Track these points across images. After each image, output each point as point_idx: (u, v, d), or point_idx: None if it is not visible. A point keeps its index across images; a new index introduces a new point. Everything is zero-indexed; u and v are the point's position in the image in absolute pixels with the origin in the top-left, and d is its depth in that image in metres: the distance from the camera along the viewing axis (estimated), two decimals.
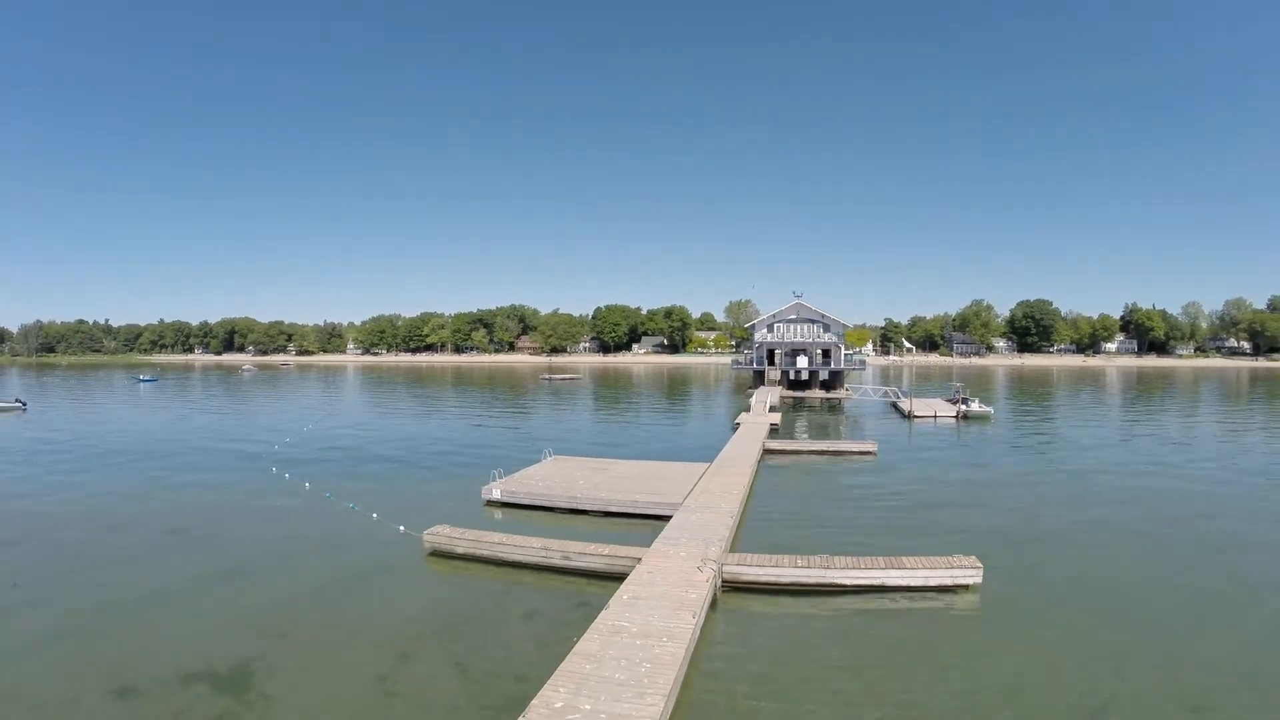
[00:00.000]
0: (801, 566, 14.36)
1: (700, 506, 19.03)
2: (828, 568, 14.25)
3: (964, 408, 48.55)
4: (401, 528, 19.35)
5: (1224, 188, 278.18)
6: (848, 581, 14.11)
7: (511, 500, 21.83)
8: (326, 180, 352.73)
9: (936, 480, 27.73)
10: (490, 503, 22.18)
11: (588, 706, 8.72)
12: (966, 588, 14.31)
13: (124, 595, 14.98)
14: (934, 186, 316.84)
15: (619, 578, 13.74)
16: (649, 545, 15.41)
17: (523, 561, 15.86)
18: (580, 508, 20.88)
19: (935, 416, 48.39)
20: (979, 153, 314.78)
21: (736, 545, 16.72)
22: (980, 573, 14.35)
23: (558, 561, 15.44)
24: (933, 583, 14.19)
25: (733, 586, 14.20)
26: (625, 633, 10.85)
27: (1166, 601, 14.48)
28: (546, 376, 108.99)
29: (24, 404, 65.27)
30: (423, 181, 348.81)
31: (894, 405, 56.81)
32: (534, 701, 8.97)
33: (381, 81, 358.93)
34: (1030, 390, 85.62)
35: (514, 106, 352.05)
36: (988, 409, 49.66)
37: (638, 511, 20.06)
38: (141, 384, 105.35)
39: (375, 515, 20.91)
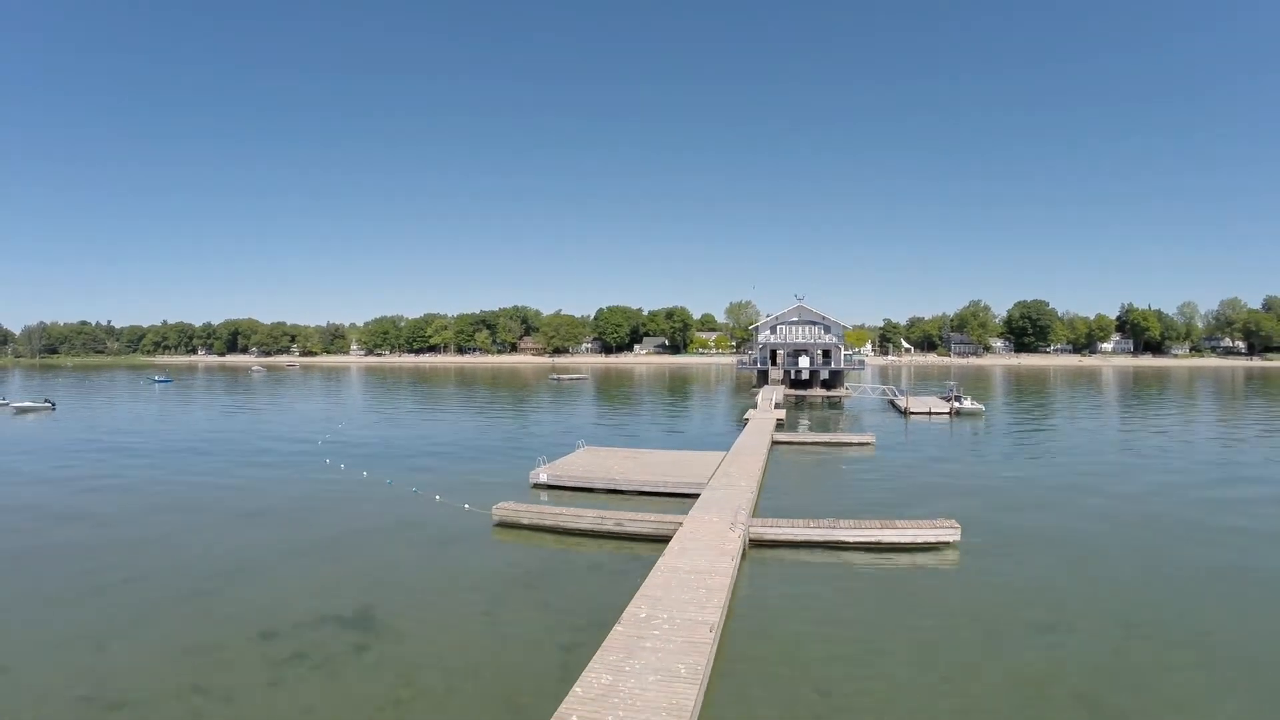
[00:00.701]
0: (813, 527, 17.76)
1: (723, 485, 22.38)
2: (834, 528, 17.65)
3: (957, 405, 52.00)
4: (466, 505, 22.65)
5: (1219, 188, 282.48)
6: (850, 539, 17.51)
7: (556, 483, 25.14)
8: (328, 181, 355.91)
9: (926, 466, 31.19)
10: (536, 485, 25.46)
11: (665, 615, 12.00)
12: (948, 544, 17.68)
13: (240, 563, 17.78)
14: (932, 188, 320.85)
15: (664, 539, 17.02)
16: (686, 514, 18.73)
17: (581, 529, 19.21)
18: (617, 488, 24.21)
19: (930, 413, 51.84)
20: (977, 154, 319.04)
21: (757, 513, 20.06)
22: (958, 532, 17.75)
23: (611, 528, 18.80)
24: (919, 540, 17.58)
25: (757, 544, 17.55)
26: (681, 570, 14.17)
27: (1117, 555, 17.83)
28: (555, 377, 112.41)
29: (53, 404, 68.49)
30: (424, 183, 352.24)
31: (891, 403, 60.30)
32: (623, 615, 12.20)
33: (383, 82, 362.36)
34: (1024, 389, 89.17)
35: (515, 107, 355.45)
36: (979, 406, 53.13)
37: (668, 491, 23.40)
38: (157, 385, 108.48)
39: (438, 497, 24.21)
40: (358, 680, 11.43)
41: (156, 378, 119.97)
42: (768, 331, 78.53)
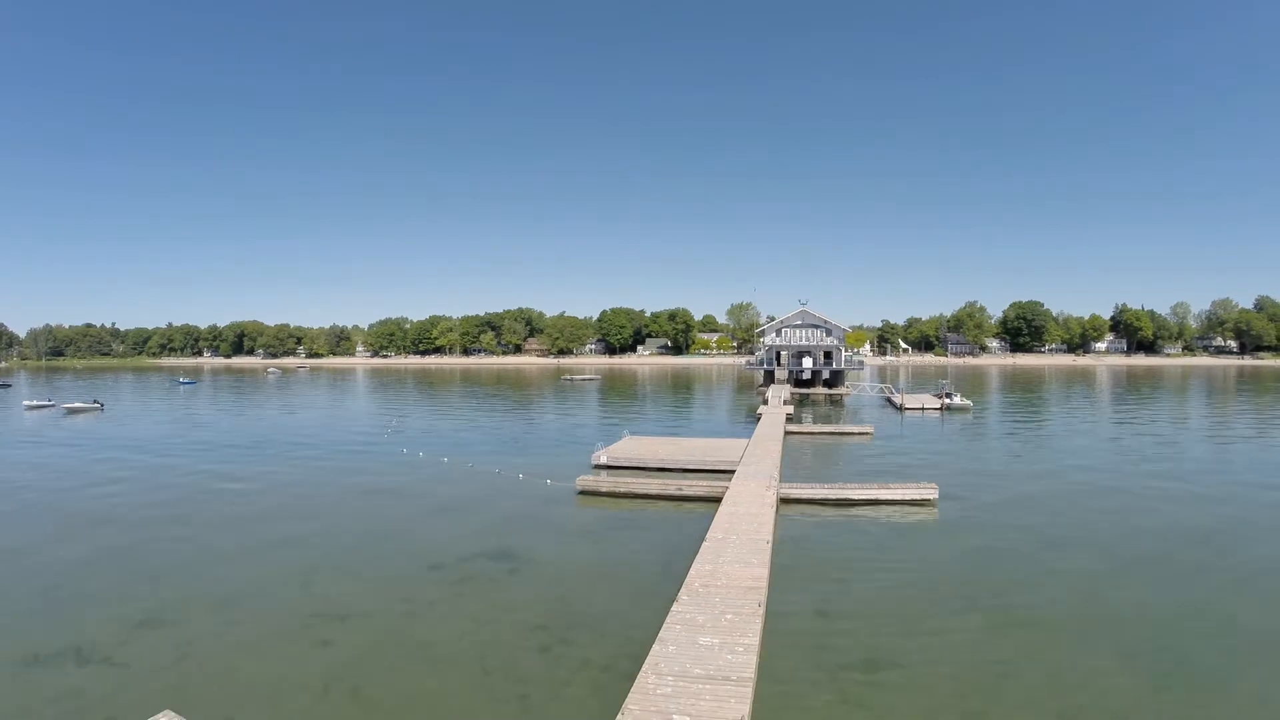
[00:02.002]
0: (827, 488, 23.93)
1: (753, 462, 28.46)
2: (843, 489, 23.85)
3: (947, 401, 58.28)
4: (548, 481, 28.72)
5: (1211, 189, 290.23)
6: (855, 497, 23.69)
7: (614, 464, 31.18)
8: (331, 183, 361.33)
9: (916, 448, 37.51)
10: (598, 466, 31.49)
11: (735, 537, 18.00)
12: (929, 501, 23.83)
13: (397, 522, 23.59)
14: (930, 189, 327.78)
15: (716, 499, 23.00)
16: (729, 482, 24.80)
17: (649, 494, 25.31)
18: (665, 467, 30.25)
19: (923, 409, 58.12)
20: (976, 155, 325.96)
21: (782, 480, 26.16)
22: (937, 492, 23.93)
23: (673, 492, 24.92)
24: (907, 498, 23.74)
25: (785, 501, 23.64)
26: (736, 516, 20.22)
27: (1071, 516, 23.97)
28: (568, 378, 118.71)
29: (101, 405, 73.87)
30: (428, 184, 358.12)
31: (888, 400, 66.64)
32: (700, 550, 18.14)
33: (387, 82, 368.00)
34: (1016, 388, 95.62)
35: (517, 108, 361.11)
36: (967, 402, 59.44)
37: (708, 468, 29.47)
38: (182, 385, 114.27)
39: (521, 475, 30.26)
40: (515, 591, 17.08)
41: (181, 379, 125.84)
42: (773, 334, 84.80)
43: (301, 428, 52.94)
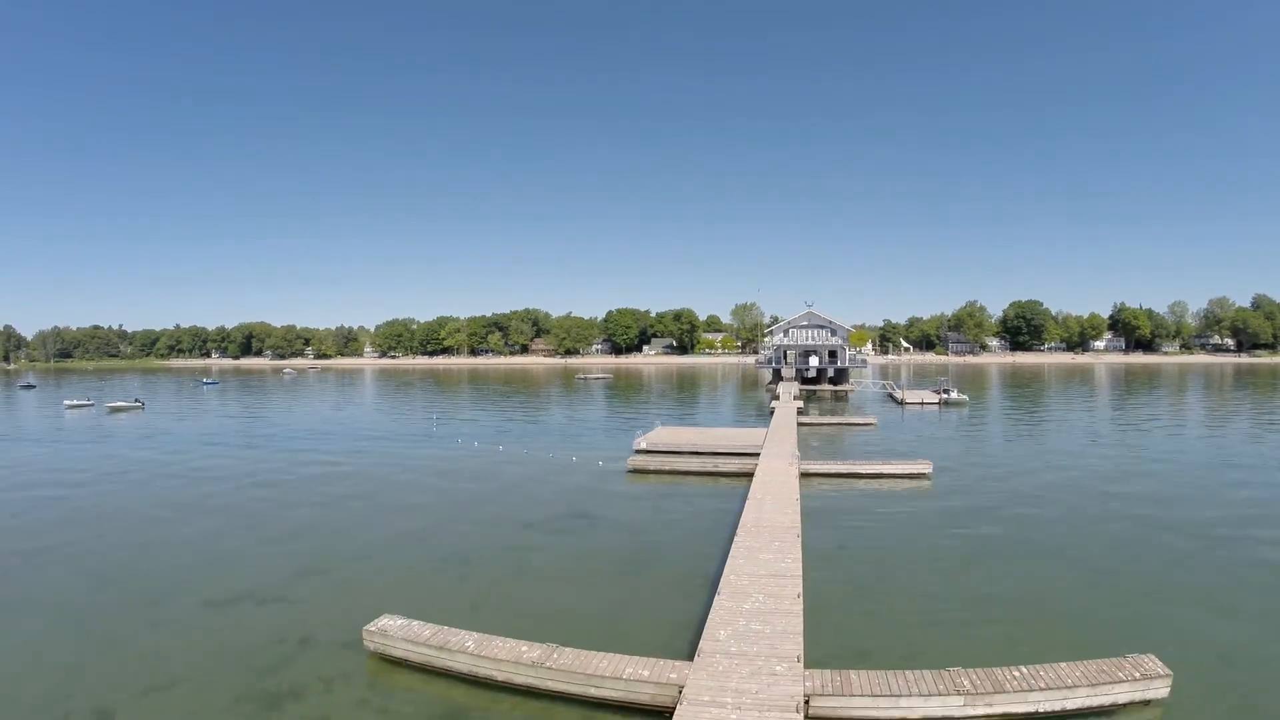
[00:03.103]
0: (839, 463, 29.35)
1: (774, 444, 33.79)
2: (852, 465, 29.27)
3: (945, 396, 63.76)
4: (600, 462, 34.10)
5: (1209, 187, 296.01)
6: (863, 471, 29.10)
7: (653, 448, 36.43)
8: (334, 184, 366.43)
9: (913, 436, 42.92)
10: (639, 450, 36.79)
11: (770, 497, 23.35)
12: (924, 475, 29.22)
13: (483, 494, 29.07)
14: (930, 188, 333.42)
15: (748, 474, 28.30)
16: (757, 460, 30.13)
17: (690, 470, 30.70)
18: (698, 450, 35.52)
19: (922, 403, 63.61)
20: (974, 157, 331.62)
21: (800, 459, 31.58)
22: (931, 467, 29.33)
23: (710, 468, 30.31)
24: (906, 471, 29.13)
25: (805, 474, 29.01)
26: (767, 483, 25.54)
27: (1045, 484, 29.35)
28: (582, 376, 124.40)
29: (142, 404, 78.79)
30: (430, 185, 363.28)
31: (890, 395, 72.12)
32: (745, 506, 23.47)
33: (392, 82, 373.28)
34: (1013, 384, 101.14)
35: (520, 108, 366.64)
36: (964, 397, 64.95)
37: (736, 451, 34.73)
38: (205, 386, 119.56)
39: (574, 458, 35.64)
40: (599, 538, 22.44)
41: (204, 380, 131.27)
42: (781, 334, 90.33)
43: (353, 421, 58.27)
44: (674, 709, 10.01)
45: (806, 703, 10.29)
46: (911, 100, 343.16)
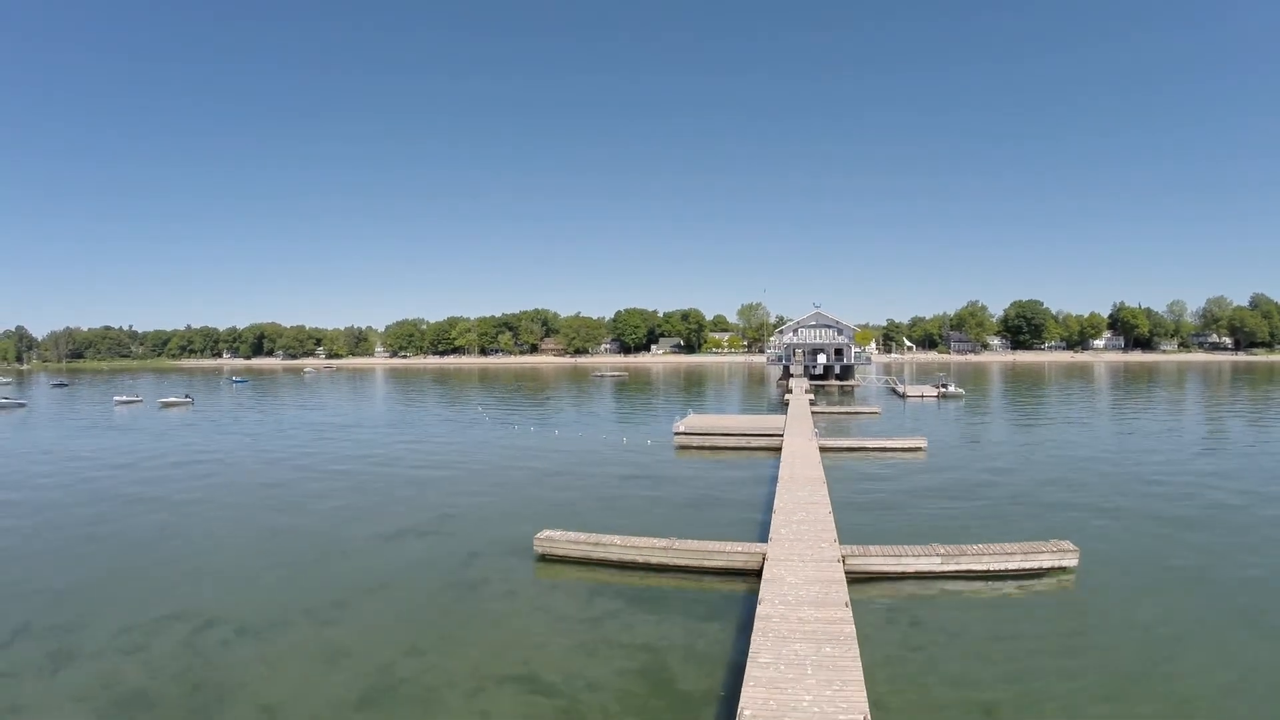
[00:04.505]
0: (849, 440, 36.07)
1: (795, 426, 40.34)
2: (861, 441, 35.98)
3: (943, 389, 70.48)
4: (649, 441, 40.75)
5: (1208, 188, 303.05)
6: (871, 446, 35.82)
7: (690, 430, 43.05)
8: (343, 185, 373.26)
9: (911, 422, 49.55)
10: (678, 432, 43.42)
11: (799, 461, 29.92)
12: (920, 449, 35.88)
13: (554, 466, 35.88)
14: (931, 188, 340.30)
15: (776, 449, 34.89)
16: (782, 438, 36.71)
17: (729, 446, 37.38)
18: (729, 432, 42.14)
19: (922, 396, 70.34)
20: (973, 159, 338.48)
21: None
22: (925, 442, 36.03)
23: (744, 444, 36.99)
24: (905, 446, 35.82)
25: (822, 449, 35.66)
26: (794, 453, 32.13)
27: (1026, 459, 35.97)
28: (598, 374, 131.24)
29: (191, 399, 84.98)
30: (434, 185, 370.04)
31: (892, 389, 78.88)
32: (780, 467, 30.02)
33: (398, 82, 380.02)
34: (1012, 381, 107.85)
35: (527, 110, 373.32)
36: (960, 390, 71.69)
37: (763, 432, 41.27)
38: (235, 384, 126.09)
39: (624, 439, 42.25)
40: (667, 491, 29.20)
41: (234, 379, 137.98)
42: (790, 333, 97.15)
43: (408, 415, 64.83)
44: (761, 570, 16.46)
45: (842, 560, 16.83)
46: (911, 101, 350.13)
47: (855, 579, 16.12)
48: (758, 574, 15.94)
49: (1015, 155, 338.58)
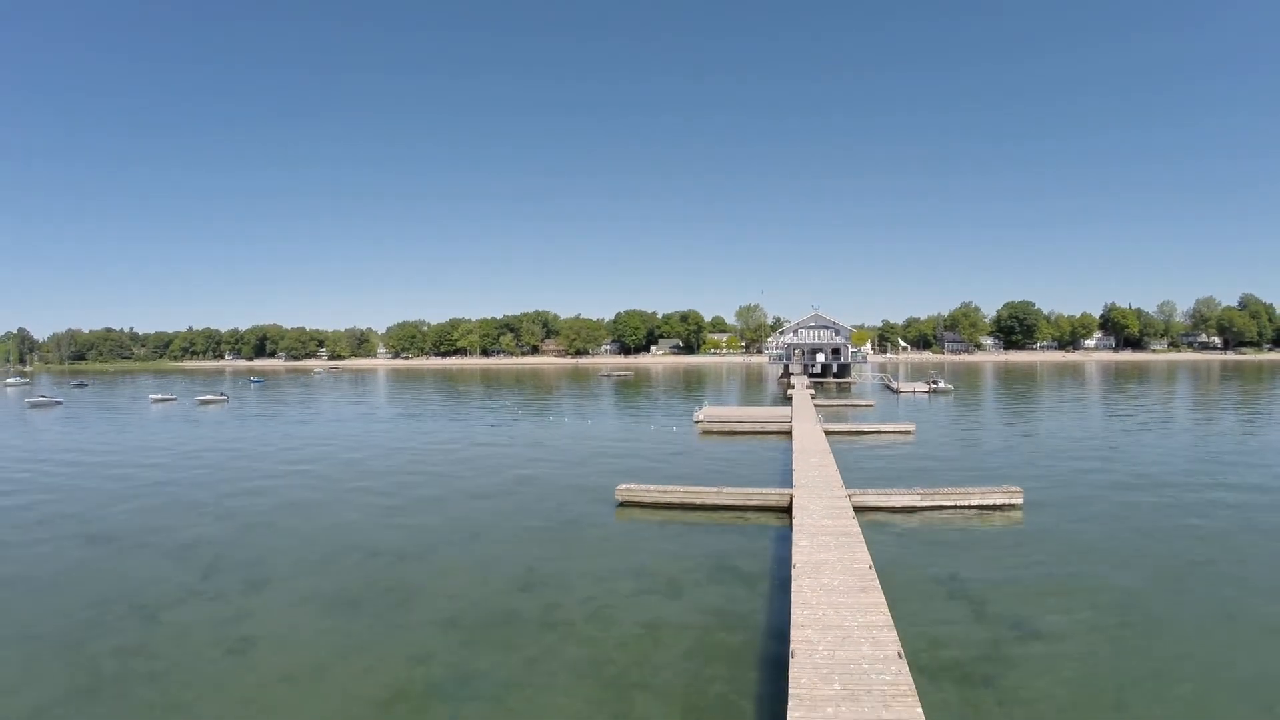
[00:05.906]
0: (848, 425, 42.68)
1: (801, 414, 46.81)
2: (858, 426, 42.57)
3: (934, 385, 77.27)
4: (674, 428, 47.21)
5: (1198, 189, 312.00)
6: (867, 429, 42.48)
7: (708, 420, 49.52)
8: (343, 187, 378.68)
9: (904, 411, 56.23)
10: (698, 421, 49.83)
11: (809, 442, 36.37)
12: (909, 431, 42.48)
13: (605, 447, 42.23)
14: (927, 188, 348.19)
15: (787, 433, 41.32)
16: (790, 425, 43.13)
17: (745, 431, 43.88)
18: (742, 420, 48.62)
19: (914, 391, 77.11)
20: (970, 160, 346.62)
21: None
22: (914, 426, 42.67)
23: (759, 429, 43.52)
24: (897, 429, 42.47)
25: (828, 432, 42.16)
26: (803, 435, 38.55)
27: (1005, 443, 42.53)
28: (605, 374, 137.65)
29: (227, 397, 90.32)
30: (441, 186, 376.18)
31: (886, 386, 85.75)
32: (793, 446, 36.46)
33: (400, 83, 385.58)
34: (1004, 380, 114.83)
35: (528, 111, 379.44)
36: (949, 386, 78.51)
37: (773, 420, 47.79)
38: (253, 384, 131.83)
39: (653, 427, 48.65)
40: (700, 461, 35.56)
41: (252, 379, 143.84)
42: (790, 334, 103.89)
43: (438, 411, 70.97)
44: (790, 506, 22.80)
45: (849, 497, 23.23)
46: (911, 101, 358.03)
47: (858, 510, 22.58)
48: (787, 510, 22.34)
49: (1011, 156, 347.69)
